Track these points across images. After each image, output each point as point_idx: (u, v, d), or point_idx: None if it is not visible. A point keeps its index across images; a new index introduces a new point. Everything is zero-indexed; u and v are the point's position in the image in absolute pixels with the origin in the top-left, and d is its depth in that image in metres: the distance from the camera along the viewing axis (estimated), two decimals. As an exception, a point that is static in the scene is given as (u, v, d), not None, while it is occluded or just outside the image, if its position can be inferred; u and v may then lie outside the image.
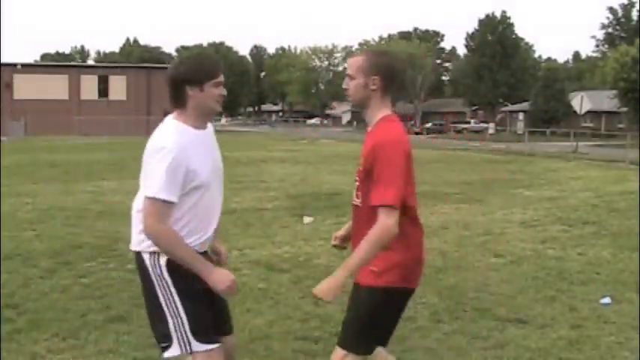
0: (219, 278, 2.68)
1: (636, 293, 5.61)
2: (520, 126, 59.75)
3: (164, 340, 2.76)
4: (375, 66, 2.75)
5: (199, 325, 2.73)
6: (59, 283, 5.75)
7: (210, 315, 2.80)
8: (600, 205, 11.42)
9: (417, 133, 57.60)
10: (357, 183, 2.83)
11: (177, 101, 2.81)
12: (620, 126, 52.16)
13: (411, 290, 2.87)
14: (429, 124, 66.18)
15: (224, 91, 2.79)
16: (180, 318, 2.72)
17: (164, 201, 2.62)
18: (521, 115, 64.68)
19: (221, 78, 2.77)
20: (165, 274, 2.73)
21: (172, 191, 2.63)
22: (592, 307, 5.22)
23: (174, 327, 2.73)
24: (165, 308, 2.74)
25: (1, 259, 6.49)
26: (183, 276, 2.70)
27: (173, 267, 2.71)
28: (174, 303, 2.73)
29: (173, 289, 2.73)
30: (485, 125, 59.28)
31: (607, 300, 5.39)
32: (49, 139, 36.68)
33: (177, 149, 2.64)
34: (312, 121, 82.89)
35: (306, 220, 9.50)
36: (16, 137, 39.36)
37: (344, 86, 2.85)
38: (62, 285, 5.69)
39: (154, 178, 2.66)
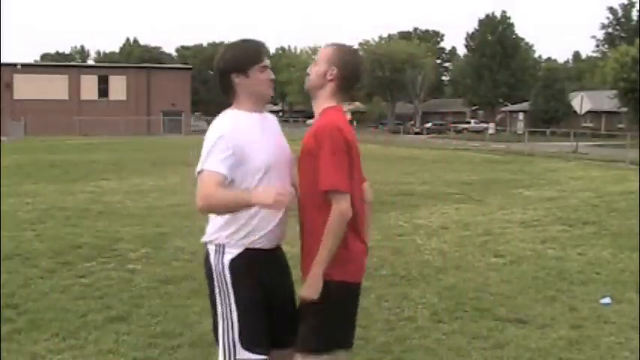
0: (263, 196, 2.45)
1: (636, 293, 5.61)
2: (520, 126, 59.73)
3: (215, 339, 2.70)
4: (339, 59, 2.79)
5: (248, 332, 2.63)
6: (59, 283, 5.75)
7: (262, 325, 2.67)
8: (600, 205, 11.42)
9: (417, 133, 57.63)
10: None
11: (227, 90, 2.73)
12: (620, 126, 52.13)
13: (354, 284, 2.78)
14: (429, 124, 66.16)
15: (271, 75, 2.74)
16: (232, 321, 2.63)
17: (210, 171, 2.53)
18: (521, 115, 64.67)
19: (266, 62, 2.72)
20: (227, 273, 2.65)
21: (218, 164, 2.53)
22: (592, 307, 5.22)
23: (223, 329, 2.65)
24: (219, 307, 2.67)
25: (1, 259, 6.49)
26: (244, 279, 2.63)
27: (236, 267, 2.64)
28: (229, 305, 2.64)
29: (231, 290, 2.65)
30: (485, 125, 59.24)
31: (607, 300, 5.39)
32: (49, 139, 36.68)
33: (227, 130, 2.59)
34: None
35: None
36: (16, 137, 39.36)
37: (307, 71, 2.88)
38: (62, 285, 5.69)
39: (205, 153, 2.58)
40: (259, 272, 2.69)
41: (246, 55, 2.69)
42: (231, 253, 2.66)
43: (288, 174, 2.79)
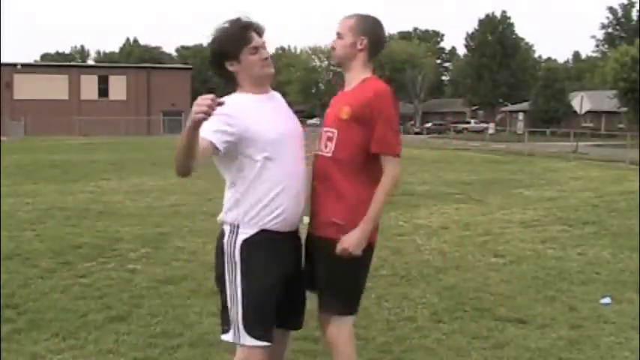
0: (192, 111, 2.34)
1: (636, 293, 5.61)
2: (520, 126, 59.71)
3: (223, 322, 2.68)
4: (365, 28, 2.84)
5: (254, 318, 2.60)
6: (59, 283, 5.75)
7: (269, 311, 2.64)
8: (600, 205, 11.42)
9: (417, 133, 57.61)
10: (328, 132, 2.81)
11: (226, 78, 2.68)
12: (620, 126, 52.15)
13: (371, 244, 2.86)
14: (429, 124, 66.17)
15: (265, 54, 2.64)
16: (237, 305, 2.61)
17: (202, 137, 2.45)
18: (521, 115, 64.68)
19: (255, 42, 2.61)
20: (237, 255, 2.61)
21: (210, 133, 2.46)
22: (592, 307, 5.22)
23: (231, 312, 2.63)
24: (227, 290, 2.64)
25: (1, 259, 6.49)
26: (256, 262, 2.59)
27: (249, 248, 2.60)
28: (236, 288, 2.61)
29: (239, 273, 2.61)
30: (485, 125, 59.25)
31: (607, 300, 5.38)
32: (49, 139, 36.68)
33: (231, 108, 2.52)
34: (312, 120, 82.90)
35: (306, 220, 9.49)
36: (16, 137, 39.36)
37: (331, 44, 2.90)
38: (62, 285, 5.69)
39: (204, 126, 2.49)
40: (275, 256, 2.64)
41: (231, 40, 2.60)
42: (245, 234, 2.62)
43: (299, 148, 2.76)
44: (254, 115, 2.59)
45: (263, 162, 2.58)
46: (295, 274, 2.77)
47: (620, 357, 4.21)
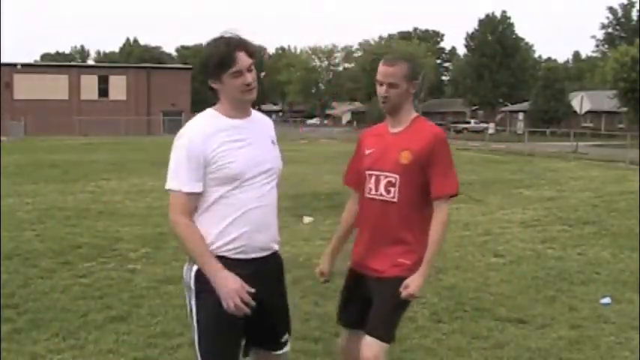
0: (223, 282, 2.43)
1: (636, 293, 5.61)
2: (520, 126, 59.68)
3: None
4: (414, 72, 2.98)
5: (206, 350, 2.52)
6: (59, 283, 5.75)
7: (224, 342, 2.54)
8: (600, 205, 11.42)
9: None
10: (389, 177, 2.89)
11: (213, 93, 2.59)
12: (620, 126, 52.14)
13: None
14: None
15: (248, 79, 2.49)
16: (194, 333, 2.55)
17: (174, 192, 2.52)
18: (521, 115, 64.65)
19: (238, 66, 2.46)
20: (192, 284, 2.54)
21: (186, 180, 2.48)
22: (592, 307, 5.22)
23: (194, 343, 2.57)
24: (189, 318, 2.60)
25: (1, 259, 6.49)
26: (207, 293, 2.47)
27: (202, 279, 2.49)
28: (192, 317, 2.56)
29: (194, 303, 2.54)
30: (485, 125, 59.23)
31: (607, 300, 5.38)
32: (49, 139, 36.68)
33: (196, 136, 2.47)
34: (312, 120, 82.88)
35: (306, 220, 9.50)
36: (16, 137, 39.35)
37: (384, 94, 2.92)
38: (62, 285, 5.70)
39: (169, 169, 2.54)
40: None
41: (215, 61, 2.47)
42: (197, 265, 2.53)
43: (266, 176, 2.59)
44: (221, 143, 2.49)
45: (221, 191, 2.51)
46: (265, 298, 2.59)
47: (620, 357, 4.21)
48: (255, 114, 2.69)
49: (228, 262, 2.49)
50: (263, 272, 2.59)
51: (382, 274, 2.89)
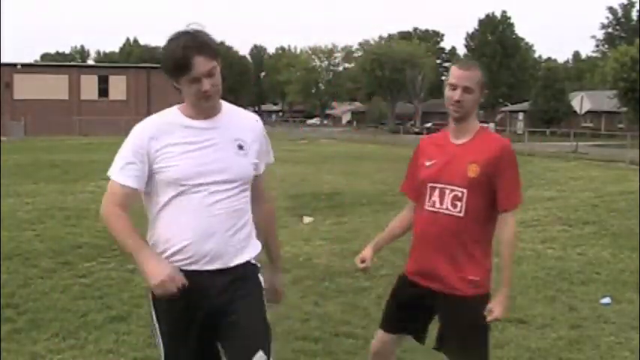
0: (151, 270, 2.26)
1: (636, 293, 5.61)
2: (520, 126, 59.69)
3: None
4: (485, 79, 2.86)
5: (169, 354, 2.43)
6: (59, 283, 5.75)
7: (179, 356, 2.42)
8: (600, 205, 11.41)
9: (417, 133, 57.61)
10: (455, 191, 2.78)
11: (178, 91, 2.46)
12: (620, 126, 52.14)
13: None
14: (429, 124, 66.14)
15: (204, 86, 2.29)
16: (160, 352, 2.46)
17: (112, 181, 2.42)
18: (521, 115, 64.66)
19: (194, 73, 2.27)
20: (150, 297, 2.44)
21: (127, 174, 2.38)
22: (592, 307, 5.22)
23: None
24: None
25: (1, 259, 6.49)
26: (163, 306, 2.37)
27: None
28: (156, 332, 2.46)
29: (154, 317, 2.46)
30: (485, 125, 59.20)
31: (607, 300, 5.38)
32: (49, 139, 36.67)
33: (144, 132, 2.39)
34: (312, 120, 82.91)
35: (306, 220, 9.50)
36: (16, 137, 39.36)
37: (457, 99, 2.77)
38: (62, 285, 5.69)
39: (116, 156, 2.44)
40: (184, 298, 2.31)
41: (170, 65, 2.31)
42: None
43: (224, 192, 2.38)
44: (174, 144, 2.37)
45: (169, 195, 2.38)
46: (229, 313, 2.42)
47: (620, 357, 4.21)
48: (229, 114, 2.48)
49: (184, 274, 2.34)
50: (221, 286, 2.39)
51: (453, 290, 2.79)
